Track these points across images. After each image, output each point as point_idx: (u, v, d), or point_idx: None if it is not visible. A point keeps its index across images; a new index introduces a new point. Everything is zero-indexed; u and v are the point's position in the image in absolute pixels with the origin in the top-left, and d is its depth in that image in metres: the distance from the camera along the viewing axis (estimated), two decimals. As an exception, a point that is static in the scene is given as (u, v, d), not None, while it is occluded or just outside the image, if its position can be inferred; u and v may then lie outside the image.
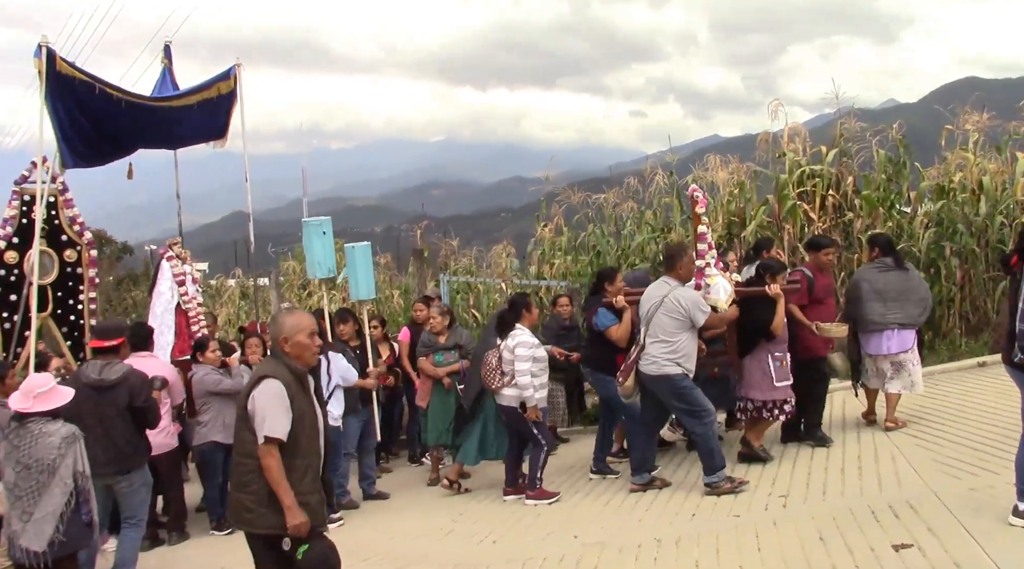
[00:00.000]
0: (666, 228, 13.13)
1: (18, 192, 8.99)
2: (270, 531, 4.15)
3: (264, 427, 4.10)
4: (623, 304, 7.44)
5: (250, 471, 4.16)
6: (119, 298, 21.38)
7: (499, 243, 16.61)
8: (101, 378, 6.27)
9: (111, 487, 6.31)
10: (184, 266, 9.22)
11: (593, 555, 5.71)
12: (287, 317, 4.44)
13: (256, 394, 4.17)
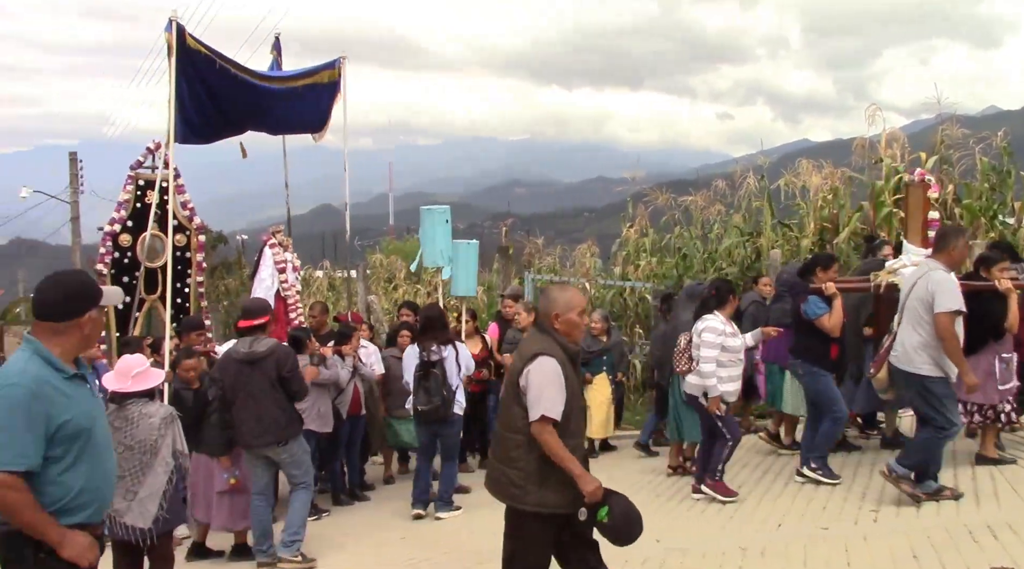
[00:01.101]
0: (755, 232, 12.92)
1: (133, 177, 9.33)
2: (536, 509, 4.09)
3: (539, 406, 4.00)
4: (833, 291, 6.98)
5: (517, 446, 4.12)
6: (212, 286, 22.02)
7: (580, 243, 16.59)
8: (251, 351, 6.51)
9: (271, 459, 6.57)
10: (285, 254, 9.36)
11: (676, 560, 5.65)
12: (560, 293, 4.29)
13: (531, 370, 4.07)
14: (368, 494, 8.87)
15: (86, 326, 3.30)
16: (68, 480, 3.18)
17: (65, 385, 3.21)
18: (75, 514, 3.19)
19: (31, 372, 3.15)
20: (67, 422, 3.14)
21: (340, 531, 7.49)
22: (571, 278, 14.53)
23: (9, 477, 3.04)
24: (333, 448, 8.33)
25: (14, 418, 3.06)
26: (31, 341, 3.26)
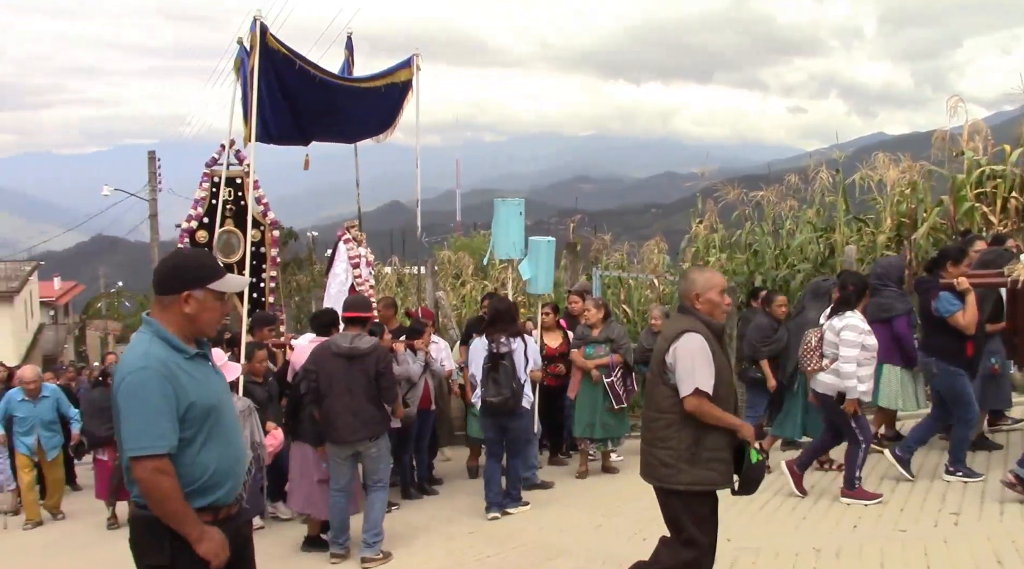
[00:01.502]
0: (829, 228, 12.64)
1: (208, 174, 9.52)
2: (689, 487, 4.17)
3: (692, 380, 4.10)
4: (966, 286, 6.68)
5: (667, 426, 4.20)
6: (284, 281, 22.48)
7: (647, 239, 16.43)
8: (353, 347, 6.54)
9: (359, 454, 6.60)
10: (359, 249, 9.45)
11: (748, 560, 5.57)
12: (699, 274, 4.44)
13: (679, 347, 4.17)
14: (436, 489, 8.94)
15: (188, 304, 3.21)
16: (202, 461, 3.16)
17: (188, 365, 3.20)
18: (210, 494, 3.19)
19: (155, 354, 3.13)
20: (194, 403, 3.13)
21: (409, 525, 7.56)
22: (639, 274, 14.43)
23: (159, 461, 3.04)
24: (403, 443, 8.41)
25: (148, 401, 3.05)
26: (150, 323, 3.24)
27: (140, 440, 3.04)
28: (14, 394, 9.43)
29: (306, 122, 9.21)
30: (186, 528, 3.08)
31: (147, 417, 3.03)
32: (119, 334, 43.70)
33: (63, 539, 8.82)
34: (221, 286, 3.28)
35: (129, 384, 3.08)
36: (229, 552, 3.19)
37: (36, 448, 9.36)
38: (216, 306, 3.28)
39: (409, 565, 6.46)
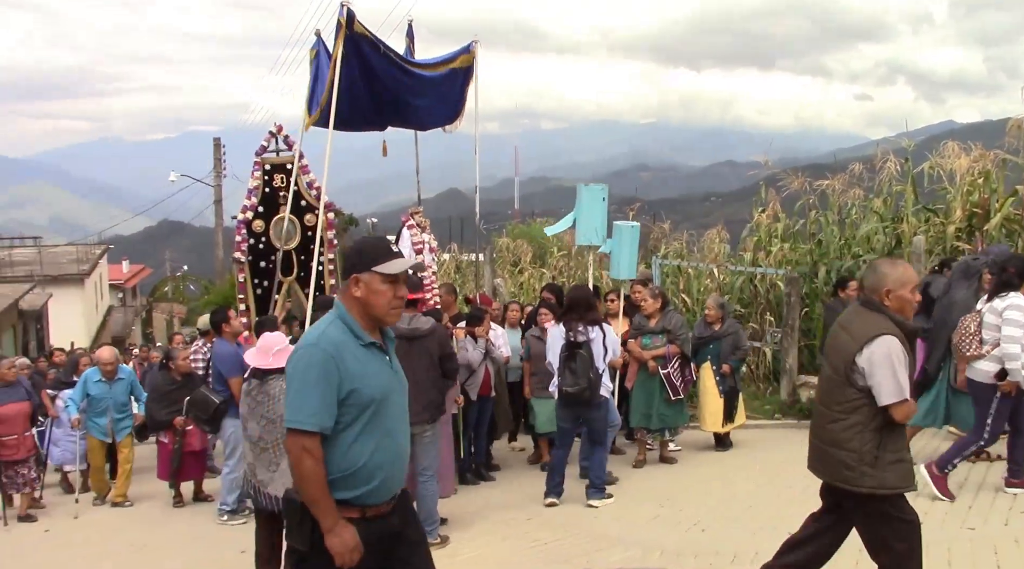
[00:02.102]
0: (897, 218, 12.33)
1: (259, 162, 9.62)
2: (873, 491, 4.03)
3: (898, 387, 3.92)
4: None
5: (849, 428, 4.06)
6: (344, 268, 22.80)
7: (707, 228, 16.24)
8: (412, 328, 6.49)
9: (414, 437, 6.39)
10: (423, 235, 9.46)
11: (808, 555, 5.47)
12: (891, 268, 4.14)
13: (876, 352, 3.96)
14: (494, 475, 8.97)
15: (356, 287, 3.22)
16: (355, 451, 3.13)
17: (361, 352, 3.20)
18: (357, 488, 3.15)
19: (330, 335, 3.16)
20: (356, 390, 3.12)
21: (466, 510, 7.59)
22: (699, 263, 14.27)
23: (307, 438, 3.05)
24: (463, 428, 8.43)
25: (309, 378, 3.08)
26: (337, 305, 3.28)
27: (294, 414, 3.08)
28: (91, 374, 9.44)
29: (385, 107, 9.19)
30: (321, 515, 3.07)
31: (305, 393, 3.07)
32: (184, 317, 44.77)
33: (131, 516, 9.05)
34: (387, 268, 3.23)
35: (297, 359, 3.15)
36: (362, 554, 3.13)
37: (108, 430, 9.41)
38: (383, 289, 3.23)
39: (466, 550, 6.48)
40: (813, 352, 11.89)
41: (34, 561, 7.79)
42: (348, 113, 8.68)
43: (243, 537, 6.63)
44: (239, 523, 7.81)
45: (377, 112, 9.18)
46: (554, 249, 19.46)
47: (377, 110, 9.13)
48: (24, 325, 26.36)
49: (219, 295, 30.55)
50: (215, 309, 9.06)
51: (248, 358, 6.10)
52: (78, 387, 9.45)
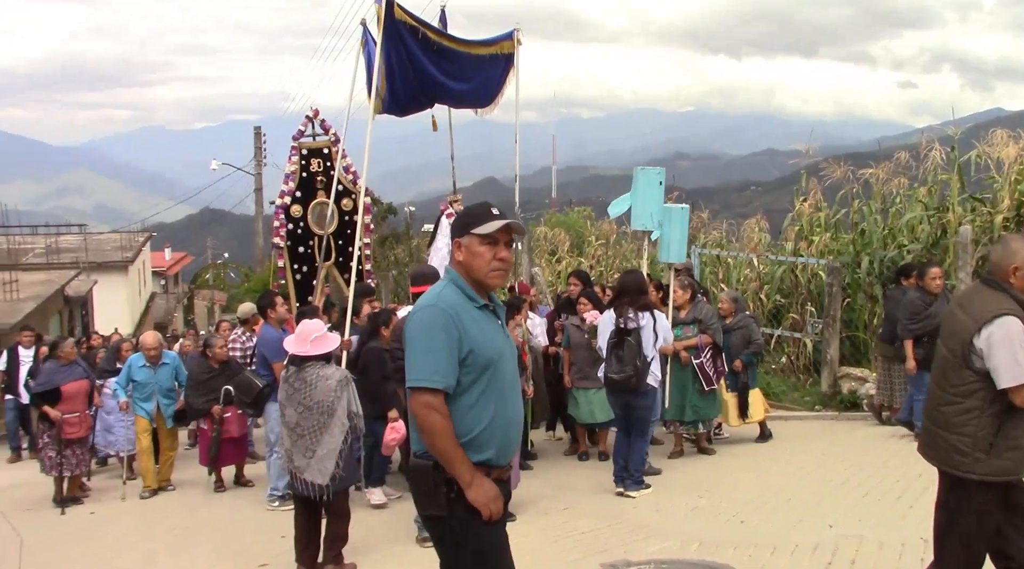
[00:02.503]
0: (942, 207, 12.10)
1: (296, 147, 9.66)
2: (985, 478, 3.88)
3: (1015, 371, 3.72)
4: None
5: (964, 412, 3.91)
6: (383, 255, 22.90)
7: (747, 217, 16.05)
8: None
9: None
10: None
11: (850, 548, 5.41)
12: (1021, 244, 3.93)
13: (995, 333, 3.79)
14: (531, 464, 8.96)
15: (459, 252, 3.29)
16: (475, 413, 3.14)
17: (476, 313, 3.23)
18: (479, 451, 3.15)
19: (446, 297, 3.21)
20: (474, 351, 3.14)
21: (504, 498, 7.62)
22: (739, 253, 14.12)
23: (431, 396, 3.07)
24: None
25: (430, 337, 3.11)
26: (449, 271, 3.35)
27: (417, 373, 3.10)
28: (135, 360, 9.41)
29: (428, 87, 9.17)
30: (457, 469, 3.08)
31: (427, 352, 3.10)
32: (225, 304, 45.36)
33: (173, 501, 9.19)
34: (483, 229, 3.25)
35: (416, 319, 3.19)
36: (502, 507, 3.17)
37: (155, 414, 9.38)
38: (482, 251, 3.25)
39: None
40: (855, 343, 11.74)
41: (77, 542, 7.94)
42: (405, 96, 8.67)
43: (283, 522, 6.71)
44: (288, 509, 7.88)
45: (423, 93, 9.15)
46: (592, 238, 19.39)
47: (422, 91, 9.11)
48: (70, 311, 26.86)
49: (259, 282, 30.91)
50: (262, 294, 9.11)
51: (287, 344, 6.15)
52: (123, 373, 9.44)
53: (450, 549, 3.22)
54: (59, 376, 9.11)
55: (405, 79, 8.59)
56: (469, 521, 3.11)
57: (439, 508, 3.13)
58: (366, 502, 7.67)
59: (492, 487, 3.13)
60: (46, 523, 8.68)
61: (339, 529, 5.98)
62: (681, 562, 5.57)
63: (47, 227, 34.45)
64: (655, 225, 8.69)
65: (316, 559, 5.98)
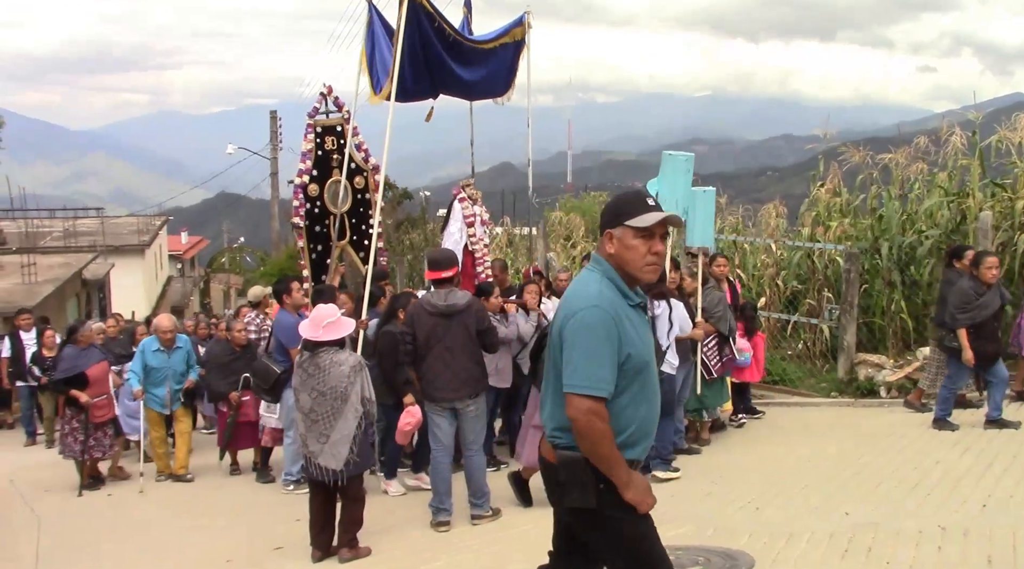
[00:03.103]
0: (962, 192, 11.96)
1: (312, 125, 9.61)
2: None
3: None
4: None
5: None
6: (398, 240, 22.91)
7: (762, 202, 15.93)
8: (449, 304, 6.43)
9: (458, 412, 6.48)
10: (475, 207, 9.41)
11: (866, 536, 5.38)
12: None
13: None
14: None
15: (610, 243, 3.13)
16: (628, 415, 3.09)
17: (631, 313, 3.13)
18: (629, 450, 3.11)
19: (607, 296, 3.07)
20: (631, 355, 3.05)
21: (518, 483, 7.62)
22: (755, 238, 14.03)
23: (596, 404, 2.99)
24: (513, 401, 8.45)
25: (595, 342, 3.00)
26: (599, 261, 3.18)
27: (581, 379, 2.99)
28: (148, 344, 9.19)
29: (436, 76, 9.14)
30: (616, 472, 3.03)
31: (591, 357, 2.99)
32: (241, 288, 45.58)
33: (189, 484, 9.22)
34: (639, 222, 3.08)
35: (580, 320, 3.04)
36: (654, 499, 3.16)
37: (167, 401, 9.17)
38: (636, 244, 3.08)
39: (517, 522, 6.51)
40: (872, 329, 11.66)
41: (93, 523, 8.02)
42: (411, 82, 8.65)
43: (298, 505, 6.74)
44: (304, 493, 7.90)
45: (430, 81, 9.13)
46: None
47: (430, 79, 9.09)
48: (88, 294, 27.06)
49: (275, 266, 31.01)
50: (278, 279, 9.11)
51: (301, 329, 6.16)
52: (136, 358, 9.17)
53: (606, 540, 3.16)
54: (82, 360, 9.05)
55: (414, 64, 8.54)
56: (622, 512, 3.07)
57: (590, 501, 3.07)
58: (381, 487, 7.70)
59: (644, 482, 3.12)
60: (64, 505, 8.76)
61: (354, 513, 6.01)
62: (696, 548, 5.56)
63: (65, 210, 34.65)
64: (681, 212, 8.60)
65: (331, 543, 6.02)
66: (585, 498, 3.07)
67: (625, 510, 3.07)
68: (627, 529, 3.11)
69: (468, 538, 6.28)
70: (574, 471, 3.07)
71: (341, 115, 9.55)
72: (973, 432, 7.79)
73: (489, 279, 9.02)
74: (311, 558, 5.99)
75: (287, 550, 6.37)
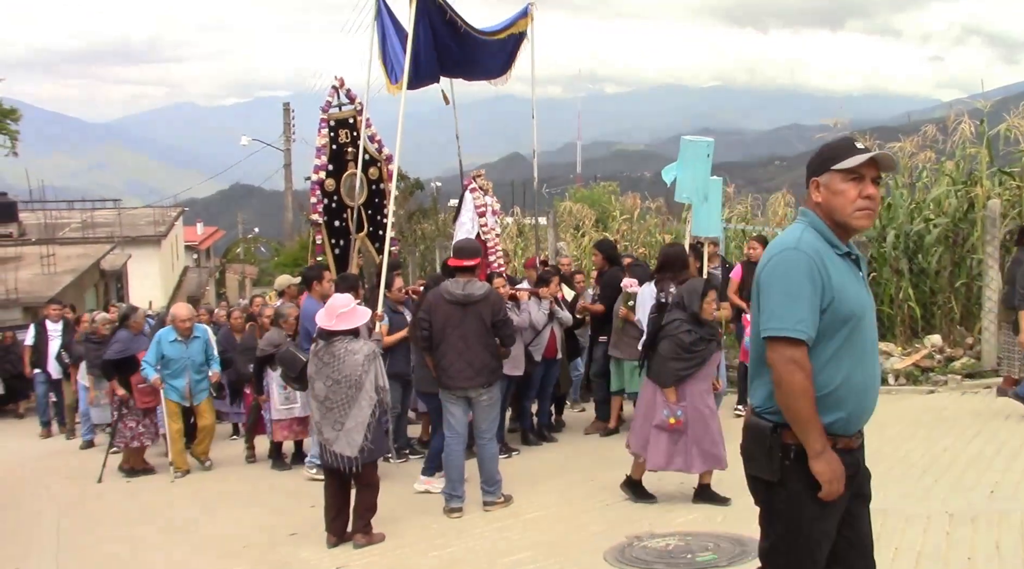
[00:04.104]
0: (970, 180, 11.96)
1: (325, 119, 9.63)
2: None
3: None
4: None
5: None
6: (410, 230, 23.01)
7: (771, 192, 15.96)
8: (467, 293, 6.48)
9: (471, 401, 6.53)
10: (486, 198, 9.44)
11: (875, 521, 5.26)
12: None
13: None
14: (556, 437, 9.05)
15: (816, 192, 2.97)
16: (828, 372, 2.85)
17: (838, 261, 2.92)
18: (827, 413, 2.85)
19: (808, 240, 2.90)
20: (834, 301, 2.84)
21: (529, 470, 7.72)
22: (764, 227, 14.07)
23: (794, 348, 2.79)
24: (526, 389, 8.51)
25: (792, 282, 2.83)
26: (805, 213, 3.02)
27: (779, 320, 2.83)
28: (165, 334, 8.89)
29: (446, 61, 9.13)
30: (809, 436, 2.80)
31: (789, 298, 2.83)
32: (255, 277, 45.85)
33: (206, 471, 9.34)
34: (846, 164, 2.90)
35: (777, 263, 2.90)
36: (845, 488, 2.87)
37: (186, 392, 8.92)
38: (845, 188, 2.90)
39: (528, 509, 6.60)
40: (880, 318, 11.68)
41: (111, 509, 8.16)
42: (424, 69, 8.69)
43: (314, 492, 6.85)
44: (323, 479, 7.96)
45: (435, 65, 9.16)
46: (616, 213, 19.36)
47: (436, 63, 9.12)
48: (106, 284, 27.31)
49: (288, 256, 31.21)
50: (311, 265, 9.10)
51: (317, 318, 6.27)
52: (152, 349, 8.82)
53: (772, 517, 2.99)
54: (135, 344, 9.08)
55: (426, 51, 8.60)
56: (802, 494, 2.86)
57: (772, 473, 2.89)
58: (395, 473, 7.80)
59: (839, 465, 2.83)
60: (82, 491, 8.89)
61: (368, 500, 6.10)
62: (707, 534, 5.64)
63: (83, 202, 34.91)
64: (701, 198, 8.59)
65: (345, 529, 6.12)
66: (768, 469, 2.90)
67: (805, 489, 2.84)
68: (791, 508, 2.90)
69: (480, 524, 6.38)
70: (761, 438, 2.91)
71: (354, 107, 9.60)
72: (980, 418, 7.84)
73: (501, 268, 9.09)
74: (326, 543, 6.09)
75: (302, 536, 6.47)
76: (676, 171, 8.63)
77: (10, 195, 28.26)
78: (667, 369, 6.15)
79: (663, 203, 19.81)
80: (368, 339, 6.54)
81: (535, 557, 5.53)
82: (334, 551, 6.03)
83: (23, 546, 7.14)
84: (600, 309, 9.02)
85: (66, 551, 6.89)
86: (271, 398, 8.69)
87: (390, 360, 7.69)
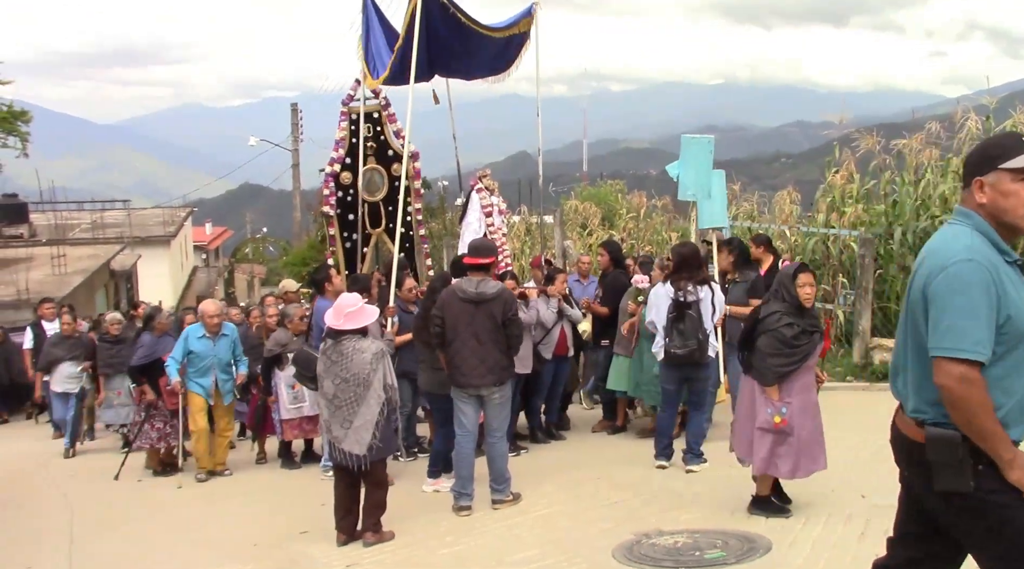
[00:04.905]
0: (977, 177, 11.97)
1: (346, 112, 9.57)
2: None
3: None
4: None
5: None
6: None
7: (776, 189, 15.96)
8: (479, 292, 6.49)
9: (483, 399, 6.55)
10: (492, 198, 9.42)
11: (883, 518, 5.45)
12: None
13: None
14: (564, 434, 9.09)
15: (981, 193, 2.78)
16: (1005, 387, 2.72)
17: (1010, 271, 2.76)
18: (1012, 426, 2.73)
19: (980, 249, 2.73)
20: (1011, 317, 2.70)
21: (537, 468, 7.74)
22: (770, 224, 14.08)
23: (968, 368, 2.65)
24: (536, 387, 8.54)
25: (971, 298, 2.67)
26: (968, 215, 2.83)
27: (953, 340, 2.68)
28: (193, 331, 8.64)
29: (441, 59, 9.14)
30: (997, 448, 2.67)
31: (967, 316, 2.67)
32: (264, 277, 45.96)
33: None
34: (1018, 162, 2.72)
35: (953, 275, 2.70)
36: None
37: (213, 391, 8.65)
38: (1015, 189, 2.73)
39: (537, 506, 6.64)
40: (887, 314, 11.71)
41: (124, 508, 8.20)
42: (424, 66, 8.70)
43: (324, 490, 6.90)
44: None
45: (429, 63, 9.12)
46: (623, 211, 19.40)
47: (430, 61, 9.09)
48: (115, 284, 27.44)
49: (297, 256, 31.25)
50: (318, 267, 9.07)
51: (326, 317, 6.33)
52: (178, 345, 8.60)
53: (982, 528, 2.79)
54: (160, 347, 9.01)
55: (418, 50, 8.56)
56: (1006, 496, 2.71)
57: (964, 485, 2.73)
58: (405, 471, 7.85)
59: None
60: (95, 490, 8.94)
61: (377, 498, 6.15)
62: (713, 531, 5.68)
63: (92, 203, 35.06)
64: (705, 195, 8.57)
65: (355, 527, 6.17)
66: (960, 481, 2.73)
67: (1010, 494, 2.70)
68: (1010, 516, 2.73)
69: (489, 522, 6.42)
70: (947, 450, 2.74)
71: (378, 102, 9.53)
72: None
73: (509, 268, 9.12)
74: (336, 541, 6.14)
75: (312, 534, 6.51)
76: (678, 169, 8.65)
77: (21, 196, 28.39)
78: (767, 366, 5.80)
79: (669, 201, 19.88)
80: (379, 338, 6.58)
81: (543, 554, 5.58)
82: (344, 549, 6.07)
83: (35, 545, 7.20)
84: (605, 311, 9.05)
85: (79, 551, 6.95)
86: (279, 398, 8.70)
87: (400, 359, 7.73)
